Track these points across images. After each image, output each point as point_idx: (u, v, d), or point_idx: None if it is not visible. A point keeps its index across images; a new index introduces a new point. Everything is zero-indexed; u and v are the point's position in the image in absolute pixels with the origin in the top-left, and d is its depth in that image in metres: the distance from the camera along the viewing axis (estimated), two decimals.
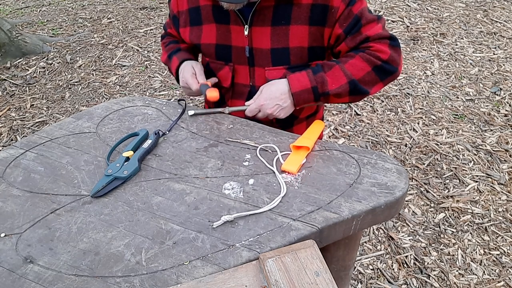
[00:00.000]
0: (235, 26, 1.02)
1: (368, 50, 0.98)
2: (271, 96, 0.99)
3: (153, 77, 2.97)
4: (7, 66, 3.10)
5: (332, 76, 0.97)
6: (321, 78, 0.97)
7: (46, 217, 0.77)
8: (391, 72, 1.00)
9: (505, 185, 2.01)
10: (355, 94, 1.00)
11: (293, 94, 0.98)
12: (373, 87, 1.00)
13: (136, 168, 0.85)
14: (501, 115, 2.48)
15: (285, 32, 0.99)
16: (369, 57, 0.97)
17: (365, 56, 0.97)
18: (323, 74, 0.98)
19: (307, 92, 0.98)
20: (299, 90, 0.98)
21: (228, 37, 1.04)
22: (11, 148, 0.95)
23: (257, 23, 1.00)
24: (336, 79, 0.97)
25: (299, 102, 1.00)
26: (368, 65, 0.97)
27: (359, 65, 0.97)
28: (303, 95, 0.98)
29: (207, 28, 1.06)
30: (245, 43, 1.03)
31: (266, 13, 0.99)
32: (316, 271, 0.64)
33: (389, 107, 2.58)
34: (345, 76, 0.97)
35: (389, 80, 1.02)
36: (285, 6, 0.97)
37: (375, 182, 0.82)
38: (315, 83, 0.97)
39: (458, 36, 3.28)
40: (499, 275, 1.63)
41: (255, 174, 0.85)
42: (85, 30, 3.64)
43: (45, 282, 0.66)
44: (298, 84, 0.98)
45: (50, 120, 2.59)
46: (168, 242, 0.72)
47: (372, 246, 1.76)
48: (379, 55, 0.97)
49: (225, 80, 1.11)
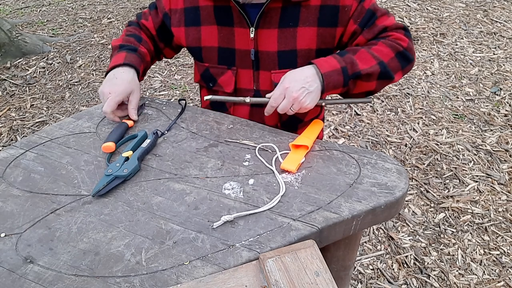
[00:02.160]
0: (240, 28, 0.99)
1: (388, 39, 0.96)
2: (296, 78, 0.91)
3: (153, 77, 2.97)
4: (7, 66, 3.10)
5: (360, 58, 0.93)
6: (349, 59, 0.92)
7: (46, 217, 0.77)
8: (410, 60, 0.98)
9: (505, 185, 2.01)
10: (383, 78, 0.95)
11: (322, 76, 0.90)
12: (395, 74, 0.97)
13: (136, 166, 0.85)
14: (501, 115, 2.48)
15: (293, 34, 0.97)
16: (392, 43, 0.95)
17: (388, 43, 0.95)
18: (351, 55, 0.93)
19: (337, 73, 0.91)
20: (329, 70, 0.90)
21: (231, 40, 1.01)
22: (11, 148, 0.95)
23: (264, 25, 0.97)
24: (365, 60, 0.93)
25: (328, 85, 0.91)
26: (392, 51, 0.95)
27: (383, 50, 0.95)
28: (333, 76, 0.91)
29: (207, 30, 1.02)
30: (250, 46, 1.00)
31: (273, 15, 0.96)
32: (316, 271, 0.64)
33: (389, 107, 2.58)
34: (373, 58, 0.93)
35: (407, 69, 0.99)
36: (293, 7, 0.96)
37: (375, 182, 0.82)
38: (344, 64, 0.91)
39: (458, 36, 3.28)
40: (499, 275, 1.63)
41: (255, 174, 0.85)
42: (85, 30, 3.64)
43: (45, 282, 0.66)
44: (327, 65, 0.91)
45: (50, 120, 2.59)
46: (168, 242, 0.72)
47: (372, 246, 1.76)
48: (400, 42, 0.96)
49: (228, 85, 1.07)
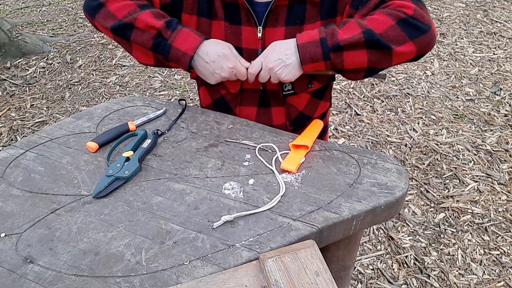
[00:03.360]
0: (247, 27, 0.96)
1: (387, 8, 0.88)
2: (275, 50, 0.90)
3: (153, 77, 2.97)
4: (7, 66, 3.10)
5: (345, 28, 0.87)
6: (331, 29, 0.88)
7: (46, 217, 0.77)
8: (422, 30, 0.85)
9: (505, 185, 2.01)
10: (373, 47, 0.86)
11: (298, 46, 0.88)
12: (399, 45, 0.86)
13: (137, 168, 0.85)
14: (501, 115, 2.48)
15: (299, 32, 0.95)
16: (391, 11, 0.87)
17: (386, 11, 0.87)
18: (335, 27, 0.89)
19: (315, 44, 0.87)
20: (306, 41, 0.88)
21: (238, 39, 0.98)
22: (11, 148, 0.95)
23: (271, 23, 0.95)
24: (348, 30, 0.87)
25: (305, 57, 0.88)
26: (391, 18, 0.86)
27: (379, 18, 0.86)
28: (310, 47, 0.88)
29: (217, 25, 0.98)
30: (258, 45, 0.97)
31: (280, 13, 0.94)
32: (316, 271, 0.64)
33: (389, 107, 2.58)
34: (359, 26, 0.86)
35: (421, 41, 0.86)
36: (299, 4, 0.93)
37: (375, 182, 0.82)
38: (324, 35, 0.88)
39: (458, 36, 3.28)
40: (499, 275, 1.63)
41: (255, 174, 0.85)
42: (85, 30, 3.64)
43: (45, 282, 0.66)
44: (306, 36, 0.89)
45: (50, 120, 2.59)
46: (168, 242, 0.72)
47: (372, 246, 1.76)
48: (402, 9, 0.86)
49: (234, 85, 1.03)
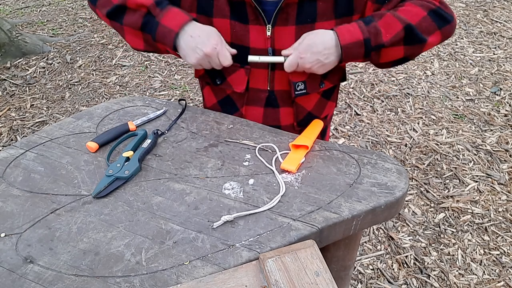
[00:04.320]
0: (255, 26, 0.93)
1: None
2: (313, 50, 0.86)
3: (153, 77, 2.97)
4: (7, 66, 3.10)
5: (385, 24, 0.85)
6: (374, 28, 0.85)
7: (46, 217, 0.77)
8: (448, 20, 0.89)
9: (505, 185, 2.01)
10: (411, 42, 0.87)
11: (342, 48, 0.85)
12: (430, 36, 0.88)
13: (137, 168, 0.85)
14: (501, 115, 2.48)
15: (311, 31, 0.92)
16: (422, 2, 0.88)
17: (417, 2, 0.88)
18: (376, 24, 0.85)
19: (359, 45, 0.85)
20: (349, 42, 0.85)
21: (245, 37, 0.95)
22: (11, 148, 0.95)
23: (281, 22, 0.92)
24: (390, 27, 0.85)
25: (347, 58, 0.87)
26: (423, 10, 0.87)
27: (412, 10, 0.87)
28: (354, 49, 0.85)
29: (220, 23, 0.95)
30: (267, 44, 0.94)
31: (290, 11, 0.91)
32: (316, 271, 0.64)
33: (389, 107, 2.58)
34: (399, 21, 0.85)
35: (446, 30, 0.90)
36: (309, 2, 0.90)
37: (375, 182, 0.82)
38: (368, 35, 0.85)
39: (458, 36, 3.28)
40: (499, 275, 1.63)
41: (255, 174, 0.85)
42: (85, 30, 3.64)
43: (45, 282, 0.66)
44: (349, 35, 0.85)
45: (50, 120, 2.59)
46: (168, 242, 0.72)
47: (372, 246, 1.76)
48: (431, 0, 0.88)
49: (239, 84, 1.00)
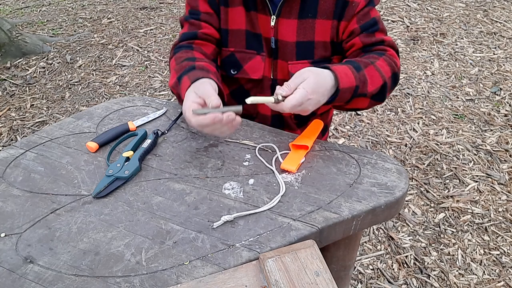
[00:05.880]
0: (262, 15, 0.98)
1: (386, 55, 0.94)
2: (318, 91, 0.83)
3: (153, 77, 2.97)
4: (7, 66, 3.10)
5: (370, 75, 0.89)
6: (363, 77, 0.88)
7: (46, 217, 0.77)
8: (397, 83, 0.96)
9: (505, 185, 2.01)
10: (378, 98, 0.92)
11: (339, 91, 0.85)
12: (387, 95, 0.94)
13: (137, 168, 0.85)
14: (501, 115, 2.48)
15: (311, 26, 0.97)
16: (390, 62, 0.93)
17: (388, 60, 0.93)
18: (364, 73, 0.88)
19: (350, 90, 0.86)
20: (346, 87, 0.85)
21: (256, 25, 1.00)
22: (11, 148, 0.95)
23: (285, 14, 0.96)
24: (374, 79, 0.89)
25: (337, 100, 0.87)
26: (390, 70, 0.92)
27: (385, 68, 0.91)
28: (346, 93, 0.86)
29: (235, 12, 0.99)
30: (271, 33, 0.99)
31: (294, 5, 0.96)
32: (316, 271, 0.64)
33: (389, 107, 2.58)
34: (380, 76, 0.90)
35: (391, 91, 0.96)
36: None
37: (375, 182, 0.82)
38: (358, 82, 0.86)
39: (458, 36, 3.28)
40: (499, 275, 1.63)
41: (255, 174, 0.85)
42: (85, 30, 3.64)
43: (45, 282, 0.66)
44: (347, 80, 0.85)
45: (50, 120, 2.59)
46: (168, 242, 0.72)
47: (372, 246, 1.76)
48: (395, 61, 0.94)
49: (256, 71, 1.02)
